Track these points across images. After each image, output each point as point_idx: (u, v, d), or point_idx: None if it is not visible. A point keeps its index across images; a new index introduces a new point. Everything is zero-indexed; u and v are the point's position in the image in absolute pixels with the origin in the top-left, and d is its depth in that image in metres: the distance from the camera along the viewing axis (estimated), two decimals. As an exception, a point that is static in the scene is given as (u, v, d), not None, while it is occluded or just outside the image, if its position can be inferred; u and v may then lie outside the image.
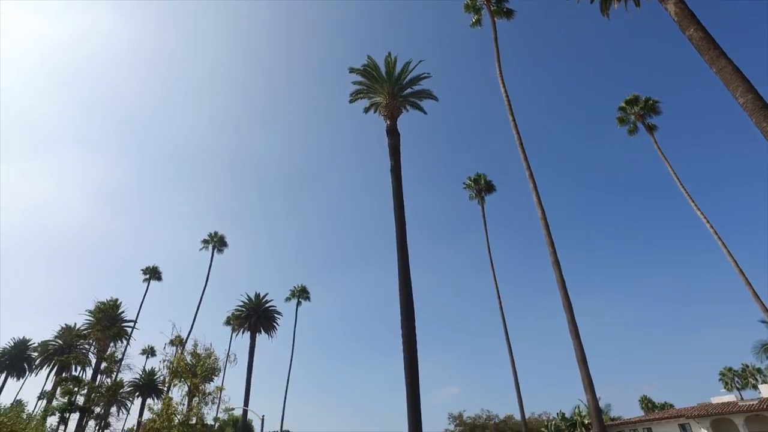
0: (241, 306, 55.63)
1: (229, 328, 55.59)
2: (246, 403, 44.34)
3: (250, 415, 47.90)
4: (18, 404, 46.48)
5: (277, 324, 56.88)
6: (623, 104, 39.28)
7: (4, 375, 68.39)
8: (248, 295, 56.68)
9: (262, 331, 55.40)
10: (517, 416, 37.65)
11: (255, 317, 54.46)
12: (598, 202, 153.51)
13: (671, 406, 44.26)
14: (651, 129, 37.72)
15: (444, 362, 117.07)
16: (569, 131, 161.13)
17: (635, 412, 43.31)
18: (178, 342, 23.71)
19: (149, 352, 58.79)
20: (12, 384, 70.14)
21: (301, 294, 54.50)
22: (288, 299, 54.84)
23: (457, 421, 46.13)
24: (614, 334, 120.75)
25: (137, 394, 58.88)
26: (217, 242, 53.49)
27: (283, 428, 51.34)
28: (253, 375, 50.17)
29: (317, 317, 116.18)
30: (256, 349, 52.71)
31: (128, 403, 60.15)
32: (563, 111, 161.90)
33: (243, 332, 54.43)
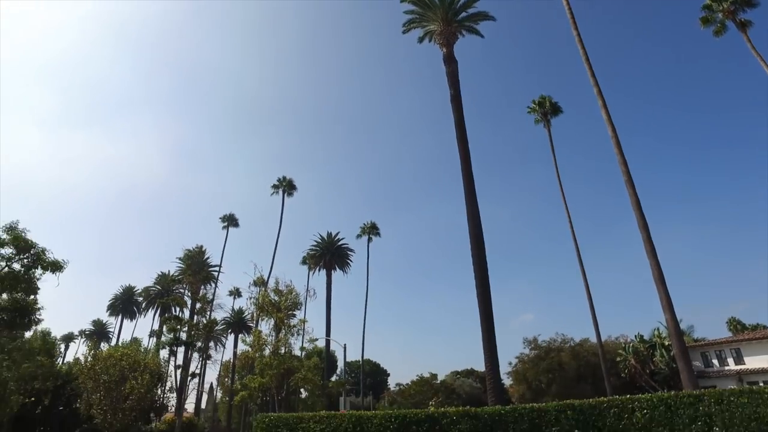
0: (314, 246, 58.18)
1: (305, 268, 58.56)
2: (327, 334, 47.45)
3: (332, 346, 51.34)
4: (135, 341, 52.63)
5: (350, 260, 59.22)
6: (709, 1, 35.08)
7: (119, 317, 77.43)
8: (321, 235, 59.04)
9: (337, 268, 58.00)
10: (593, 339, 37.58)
11: (329, 255, 56.93)
12: (672, 120, 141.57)
13: (765, 327, 42.17)
14: (744, 26, 33.63)
15: (518, 292, 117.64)
16: (637, 45, 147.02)
17: (722, 335, 41.68)
18: (261, 282, 25.45)
19: (235, 293, 63.44)
20: (126, 324, 79.22)
21: (371, 230, 55.94)
22: (359, 236, 56.58)
23: (532, 345, 46.72)
24: (696, 258, 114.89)
25: (230, 330, 64.42)
26: (287, 186, 55.39)
27: (364, 358, 54.67)
28: (331, 311, 53.29)
29: (389, 253, 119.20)
30: (332, 285, 55.57)
31: (223, 339, 66.18)
32: (629, 21, 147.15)
33: (319, 270, 57.26)
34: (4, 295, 15.80)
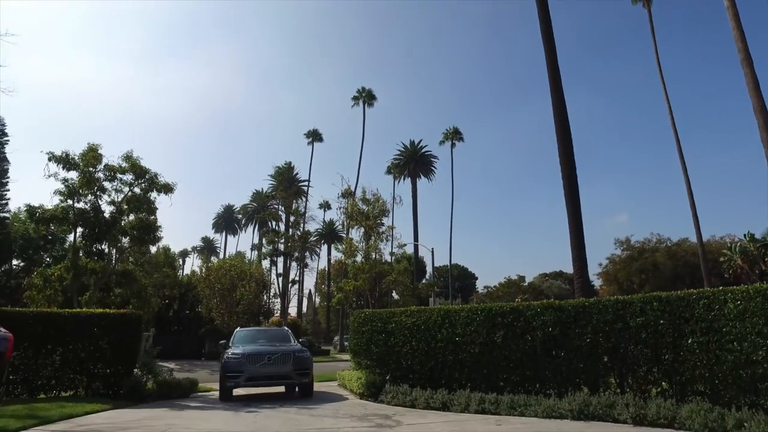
0: (398, 155, 58.69)
1: (390, 178, 59.63)
2: (415, 240, 49.15)
3: (420, 252, 53.27)
4: (239, 254, 58.22)
5: (434, 168, 59.31)
6: None
7: (223, 233, 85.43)
8: (404, 144, 59.19)
9: (421, 176, 58.56)
10: (693, 240, 35.53)
11: (413, 163, 57.37)
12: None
13: None
14: None
15: (612, 191, 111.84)
16: None
17: None
18: (348, 193, 26.51)
19: (325, 206, 66.55)
20: (230, 239, 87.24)
21: (454, 135, 55.01)
22: (442, 142, 55.91)
23: (624, 246, 45.10)
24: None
25: (323, 241, 68.65)
26: (366, 97, 55.18)
27: (451, 262, 56.31)
28: (418, 218, 54.66)
29: (473, 158, 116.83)
30: (417, 193, 56.48)
31: (317, 250, 70.91)
32: None
33: (403, 179, 58.18)
34: (131, 216, 18.06)
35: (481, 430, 6.53)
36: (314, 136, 59.07)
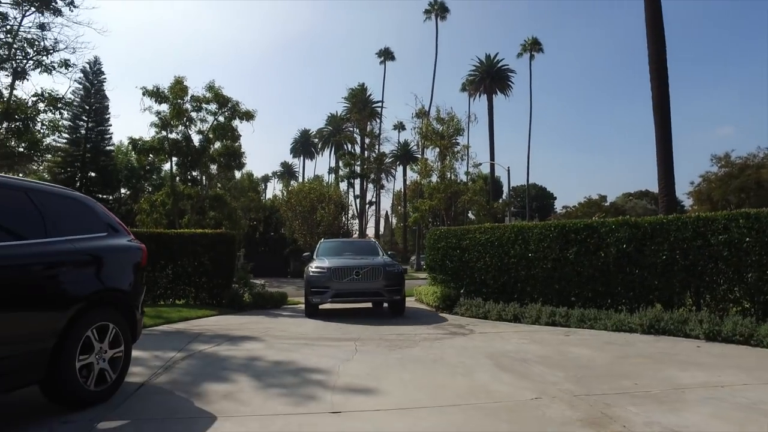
0: (473, 71, 56.27)
1: (465, 95, 57.71)
2: (491, 159, 48.18)
3: (496, 171, 52.22)
4: (317, 178, 60.33)
5: (512, 82, 56.42)
6: None
7: (301, 158, 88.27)
8: (479, 59, 56.48)
9: (498, 92, 56.06)
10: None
11: (489, 79, 54.87)
12: None
13: None
14: None
15: (719, 99, 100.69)
16: None
17: None
18: (422, 113, 26.18)
19: (399, 127, 66.09)
20: (308, 164, 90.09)
21: (533, 47, 51.21)
22: (519, 55, 52.49)
23: (722, 162, 41.04)
24: None
25: (398, 163, 69.03)
26: (439, 9, 52.32)
27: (529, 182, 54.80)
28: (494, 136, 53.04)
29: (553, 70, 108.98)
30: (493, 110, 54.44)
31: (393, 171, 71.59)
32: None
33: (479, 95, 56.09)
34: (218, 144, 19.25)
35: (549, 338, 6.86)
36: (386, 55, 57.66)
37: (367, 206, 54.16)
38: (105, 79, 41.54)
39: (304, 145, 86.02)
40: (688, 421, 3.39)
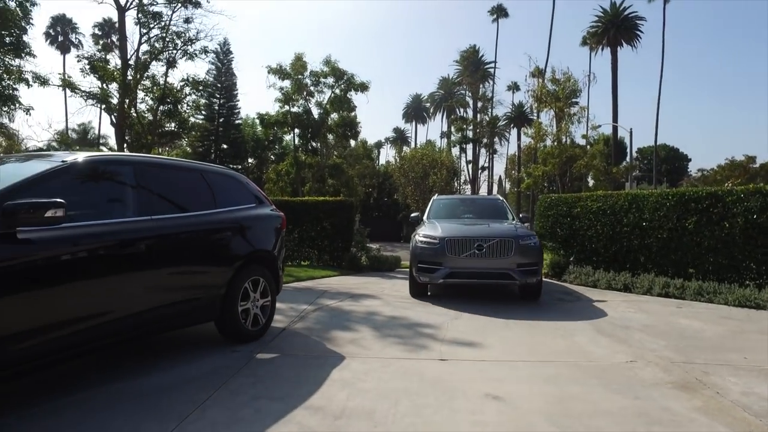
0: (595, 21, 51.79)
1: (585, 51, 53.68)
2: (614, 119, 44.65)
3: (621, 133, 48.35)
4: (429, 143, 60.66)
5: (640, 32, 51.11)
6: None
7: (413, 123, 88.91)
8: (602, 8, 51.75)
9: (623, 44, 51.19)
10: None
11: (613, 30, 50.22)
12: None
13: None
14: None
15: None
16: None
17: None
18: (537, 73, 25.18)
19: (513, 87, 63.43)
20: (420, 129, 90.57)
21: (668, -12, 45.83)
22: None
23: None
24: None
25: (512, 125, 66.70)
26: (556, -41, 48.73)
27: (657, 142, 50.01)
28: (618, 93, 48.90)
29: (692, 13, 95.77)
30: (618, 65, 49.99)
31: (507, 134, 69.42)
32: None
33: (602, 49, 51.70)
34: (335, 115, 20.54)
35: (658, 309, 6.82)
36: (499, 12, 55.28)
37: (480, 171, 53.50)
38: (233, 58, 45.31)
39: (416, 110, 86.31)
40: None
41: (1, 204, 2.74)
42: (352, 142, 38.18)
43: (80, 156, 3.57)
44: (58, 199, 2.82)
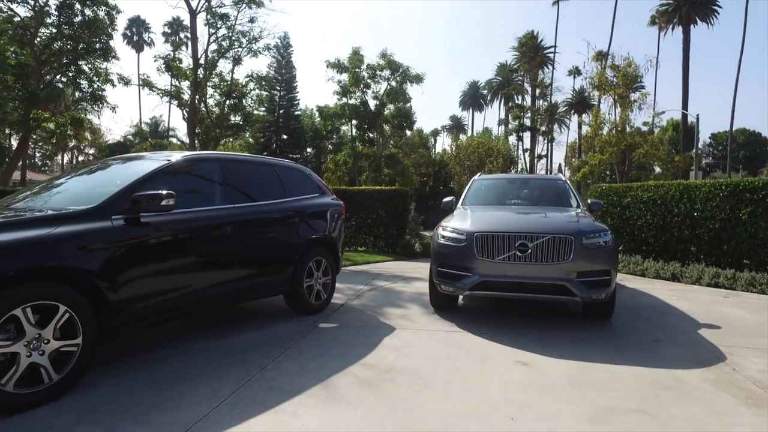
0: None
1: (653, 31, 51.08)
2: (684, 103, 42.39)
3: (692, 119, 45.81)
4: (486, 130, 60.06)
5: (718, 6, 47.93)
6: None
7: (470, 111, 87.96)
8: (673, -15, 48.97)
9: (697, 21, 48.26)
10: None
11: (686, 6, 47.39)
12: None
13: None
14: None
15: None
16: None
17: None
18: (599, 57, 24.59)
19: (574, 72, 61.34)
20: (477, 116, 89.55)
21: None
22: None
23: None
24: None
25: (572, 111, 64.67)
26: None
27: (733, 128, 46.96)
28: (689, 75, 46.25)
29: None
30: (690, 44, 47.23)
31: (567, 121, 67.37)
32: None
33: (672, 28, 49.03)
34: (391, 106, 21.17)
35: (702, 298, 6.96)
36: (559, -4, 53.50)
37: (537, 159, 52.45)
38: (293, 51, 46.89)
39: (473, 98, 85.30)
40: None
41: (130, 195, 3.54)
42: (408, 132, 38.75)
43: (179, 155, 4.39)
44: (170, 191, 3.59)
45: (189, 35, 20.84)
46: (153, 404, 2.99)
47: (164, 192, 3.54)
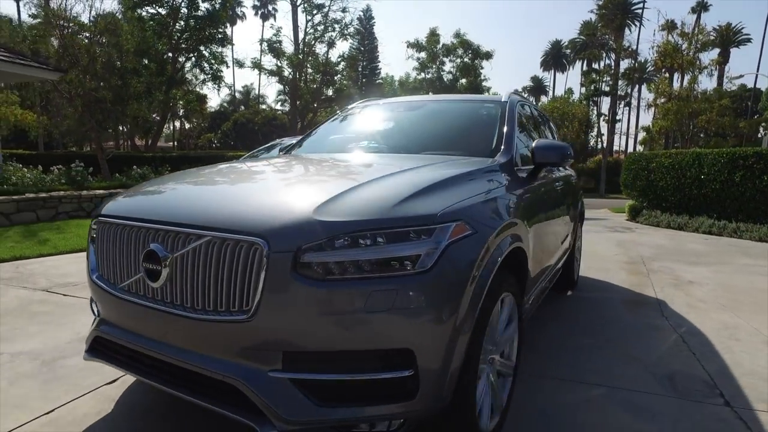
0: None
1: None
2: (758, 65, 40.02)
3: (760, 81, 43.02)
4: (569, 91, 59.33)
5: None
6: None
7: (552, 71, 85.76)
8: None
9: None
10: None
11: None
12: None
13: None
14: None
15: None
16: None
17: None
18: (668, 26, 24.80)
19: (668, 27, 58.42)
20: (559, 77, 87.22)
21: None
22: None
23: None
24: None
25: (663, 70, 61.70)
26: None
27: None
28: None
29: None
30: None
31: (655, 78, 64.30)
32: None
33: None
34: (463, 80, 23.54)
35: (684, 239, 9.34)
36: (649, -52, 50.92)
37: (614, 124, 51.45)
38: (374, 23, 49.29)
39: (555, 58, 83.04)
40: (695, 273, 6.29)
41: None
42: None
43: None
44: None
45: (276, 8, 24.20)
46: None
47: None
